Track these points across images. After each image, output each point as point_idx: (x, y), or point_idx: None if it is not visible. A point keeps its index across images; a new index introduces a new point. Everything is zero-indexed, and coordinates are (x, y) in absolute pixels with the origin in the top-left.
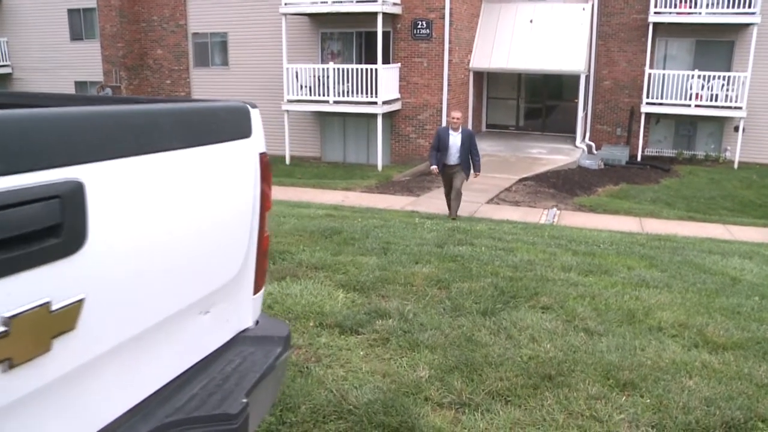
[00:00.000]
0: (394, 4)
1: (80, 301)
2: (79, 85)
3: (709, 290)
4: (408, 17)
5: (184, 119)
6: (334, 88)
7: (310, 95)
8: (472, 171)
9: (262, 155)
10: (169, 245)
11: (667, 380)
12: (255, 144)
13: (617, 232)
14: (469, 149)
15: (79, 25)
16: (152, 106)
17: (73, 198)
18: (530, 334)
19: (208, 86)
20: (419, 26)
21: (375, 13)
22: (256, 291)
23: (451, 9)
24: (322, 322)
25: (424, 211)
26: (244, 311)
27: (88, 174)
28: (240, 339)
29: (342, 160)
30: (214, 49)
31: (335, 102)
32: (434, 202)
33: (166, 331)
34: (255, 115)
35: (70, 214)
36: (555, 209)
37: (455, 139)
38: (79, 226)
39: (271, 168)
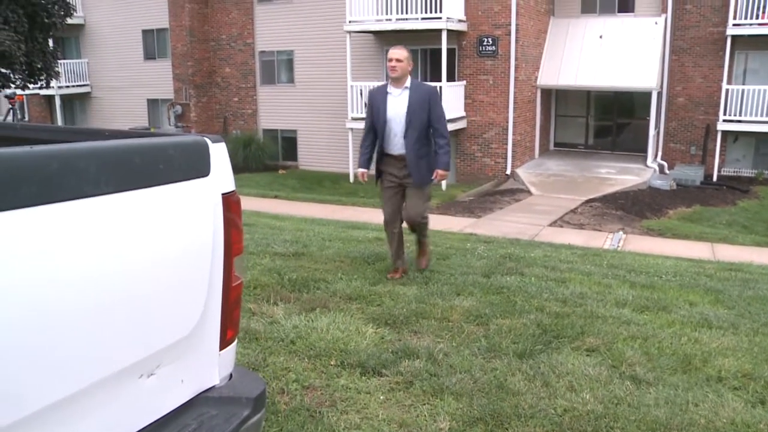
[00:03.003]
0: (459, 21)
1: None
2: (151, 102)
3: None
4: (473, 34)
5: (116, 160)
6: None
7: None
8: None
9: (228, 195)
10: (91, 302)
11: None
12: (215, 183)
13: (684, 260)
14: (427, 125)
15: (152, 45)
16: (71, 147)
17: None
18: (569, 382)
19: (274, 103)
20: (485, 43)
21: (439, 30)
22: (223, 345)
23: (517, 25)
24: (344, 360)
25: (482, 234)
26: (206, 369)
27: None
28: (201, 400)
29: None
30: (280, 67)
31: None
32: (494, 224)
33: (91, 400)
34: (217, 151)
35: None
36: (621, 233)
37: (397, 105)
38: None
39: (239, 208)
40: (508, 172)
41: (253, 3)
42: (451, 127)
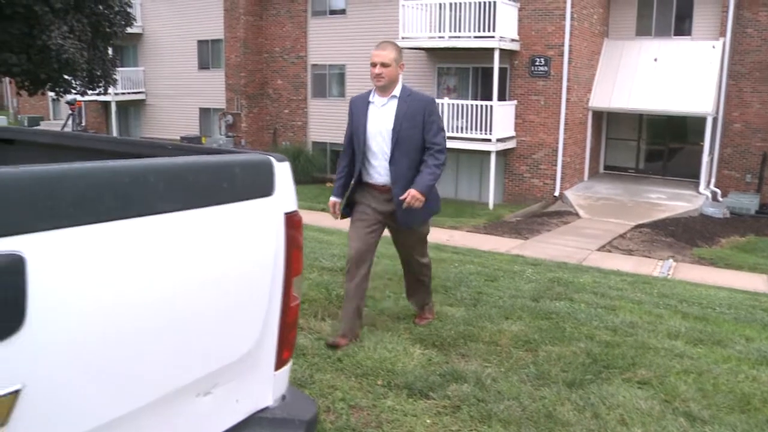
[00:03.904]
0: (512, 40)
1: (15, 393)
2: (203, 111)
3: None
4: (526, 54)
5: (184, 177)
6: (448, 123)
7: None
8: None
9: (290, 215)
10: (152, 321)
11: None
12: (279, 202)
13: (739, 292)
14: (421, 147)
15: (207, 55)
16: (143, 163)
17: (7, 276)
18: (620, 415)
19: (324, 116)
20: (537, 63)
21: (492, 49)
22: (279, 366)
23: (570, 46)
24: (391, 381)
25: (529, 256)
26: (261, 389)
27: (31, 245)
28: (254, 421)
29: (453, 197)
30: (331, 81)
31: (449, 137)
32: (542, 246)
33: (148, 418)
34: (281, 170)
35: (3, 292)
36: (671, 260)
37: (381, 118)
38: (16, 307)
39: (300, 228)
40: (557, 193)
41: (307, 17)
42: (500, 146)
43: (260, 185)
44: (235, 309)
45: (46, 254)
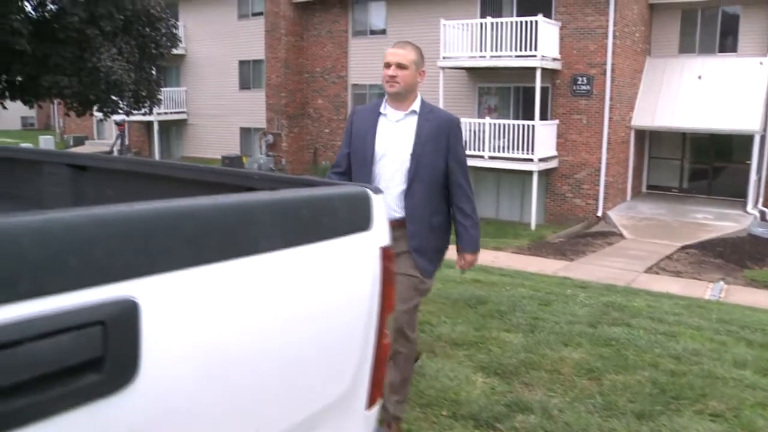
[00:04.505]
0: (554, 59)
1: None
2: (244, 131)
3: None
4: (567, 73)
5: (287, 213)
6: (489, 143)
7: (466, 150)
8: (458, 248)
9: (385, 249)
10: (258, 366)
11: None
12: (375, 237)
13: None
14: (444, 177)
15: (248, 75)
16: (249, 198)
17: (121, 323)
18: None
19: None
20: (579, 82)
21: (533, 69)
22: (370, 405)
23: (613, 64)
24: (456, 411)
25: (577, 279)
26: (355, 430)
27: (144, 290)
28: None
29: (495, 217)
30: (371, 100)
31: (491, 157)
32: (589, 268)
33: None
34: (377, 202)
35: (117, 343)
36: (721, 283)
37: (396, 136)
38: (129, 357)
39: (393, 263)
40: (599, 213)
41: (348, 37)
42: (542, 166)
43: (358, 219)
44: (334, 348)
45: (158, 299)
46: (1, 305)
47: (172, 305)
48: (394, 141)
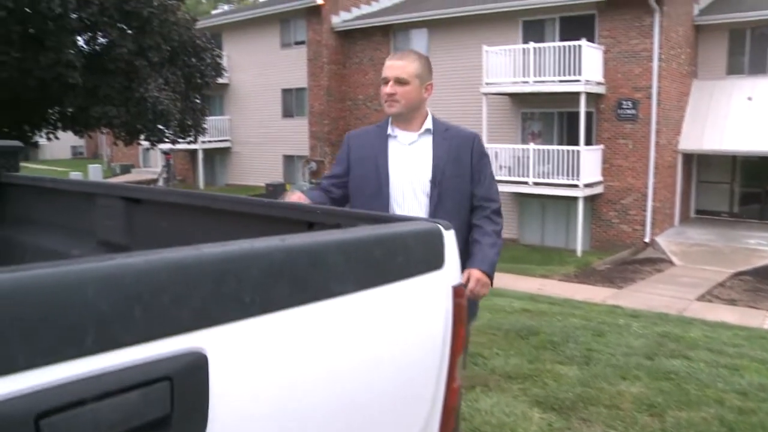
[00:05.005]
0: (598, 83)
1: None
2: (287, 158)
3: None
4: (612, 97)
5: (360, 253)
6: (534, 169)
7: (510, 176)
8: (471, 279)
9: (457, 288)
10: (330, 417)
11: None
12: (447, 275)
13: None
14: (470, 201)
15: (291, 103)
16: (319, 238)
17: (190, 377)
18: None
19: None
20: (624, 106)
21: (577, 93)
22: None
23: (659, 88)
24: None
25: (627, 307)
26: None
27: (212, 341)
28: None
29: (539, 243)
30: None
31: (535, 183)
32: (639, 296)
33: None
34: (449, 239)
35: (185, 399)
36: None
37: (411, 160)
38: (197, 415)
39: (465, 302)
40: (647, 239)
41: None
42: (587, 192)
43: (431, 257)
44: (405, 395)
45: (227, 350)
46: (63, 362)
47: (241, 356)
48: (410, 166)
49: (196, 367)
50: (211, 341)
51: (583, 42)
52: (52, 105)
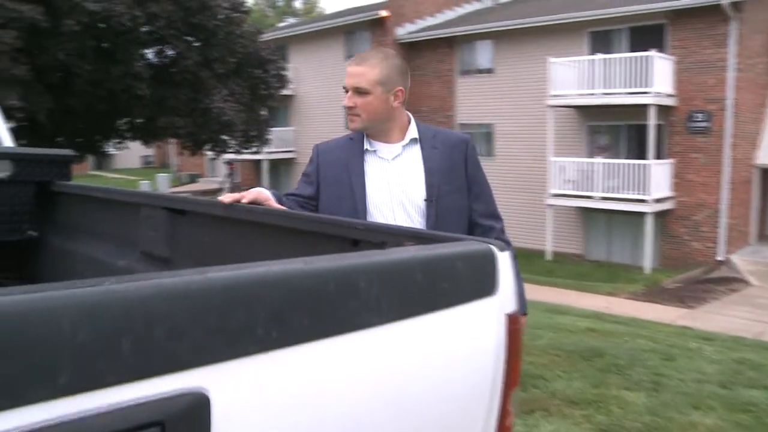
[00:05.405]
0: (668, 95)
1: None
2: None
3: None
4: (683, 109)
5: (398, 278)
6: (601, 183)
7: (575, 190)
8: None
9: (512, 316)
10: None
11: None
12: (501, 302)
13: None
14: (468, 219)
15: None
16: (349, 261)
17: (187, 423)
18: None
19: None
20: (696, 119)
21: (647, 106)
22: None
23: (735, 99)
24: None
25: (699, 329)
26: None
27: (218, 379)
28: None
29: (605, 259)
30: (479, 140)
31: (602, 198)
32: (712, 317)
33: None
34: (504, 261)
35: None
36: None
37: (397, 179)
38: None
39: (521, 331)
40: (720, 258)
41: (455, 76)
42: (656, 207)
43: (483, 282)
44: None
45: (235, 391)
46: (34, 404)
47: (251, 397)
48: (397, 186)
49: (194, 410)
50: (215, 380)
51: (654, 52)
52: (122, 116)
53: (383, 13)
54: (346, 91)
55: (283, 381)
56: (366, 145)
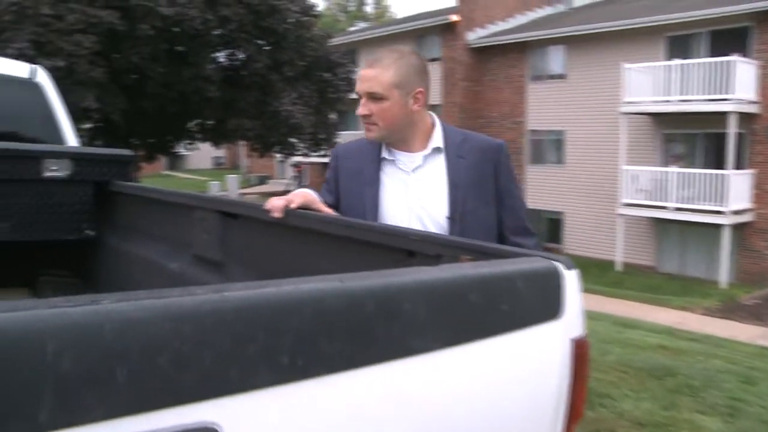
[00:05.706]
0: (751, 102)
1: None
2: None
3: None
4: (766, 117)
5: (448, 300)
6: (675, 193)
7: (649, 200)
8: None
9: (578, 342)
10: None
11: None
12: (567, 326)
13: None
14: (497, 231)
15: None
16: (391, 280)
17: None
18: None
19: (540, 183)
20: None
21: (726, 113)
22: None
23: None
24: None
25: None
26: None
27: (232, 413)
28: None
29: (678, 272)
30: (549, 147)
31: (676, 209)
32: None
33: None
34: (571, 281)
35: None
36: None
37: (416, 192)
38: None
39: (587, 358)
40: None
41: (525, 81)
42: (735, 219)
43: (546, 304)
44: None
45: (252, 426)
46: None
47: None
48: (416, 200)
49: None
50: (229, 414)
51: (737, 57)
52: (193, 117)
53: (454, 17)
54: (360, 98)
55: (311, 415)
56: (384, 153)
